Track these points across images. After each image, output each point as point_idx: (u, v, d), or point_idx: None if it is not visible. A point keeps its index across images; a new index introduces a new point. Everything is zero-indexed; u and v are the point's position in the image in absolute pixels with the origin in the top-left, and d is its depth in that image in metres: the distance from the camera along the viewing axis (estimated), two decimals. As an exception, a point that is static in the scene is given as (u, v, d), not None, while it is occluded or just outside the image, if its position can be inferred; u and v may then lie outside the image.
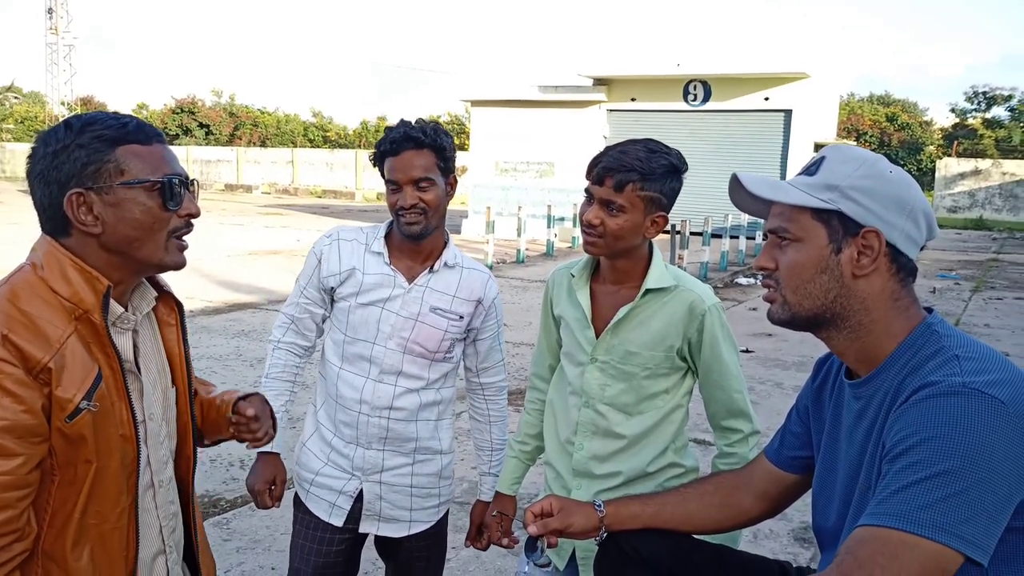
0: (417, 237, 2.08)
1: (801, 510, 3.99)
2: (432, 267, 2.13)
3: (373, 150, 2.12)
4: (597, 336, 1.95)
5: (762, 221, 1.47)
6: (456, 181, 2.14)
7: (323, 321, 2.23)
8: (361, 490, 2.16)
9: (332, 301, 2.18)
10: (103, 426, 1.40)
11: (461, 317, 2.15)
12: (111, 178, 1.39)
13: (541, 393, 2.18)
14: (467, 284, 2.17)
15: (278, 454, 2.20)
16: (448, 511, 2.32)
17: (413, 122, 2.09)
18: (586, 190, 1.89)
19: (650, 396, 1.94)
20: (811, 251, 1.34)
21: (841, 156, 1.36)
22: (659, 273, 1.91)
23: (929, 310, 1.38)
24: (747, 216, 16.66)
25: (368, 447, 2.13)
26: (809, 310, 1.36)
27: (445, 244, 2.18)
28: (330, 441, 2.18)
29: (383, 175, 2.10)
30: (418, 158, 2.03)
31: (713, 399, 1.95)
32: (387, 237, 2.17)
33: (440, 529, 2.30)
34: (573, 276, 2.00)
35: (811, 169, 1.38)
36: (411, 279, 2.12)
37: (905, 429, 1.20)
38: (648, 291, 1.89)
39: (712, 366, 1.91)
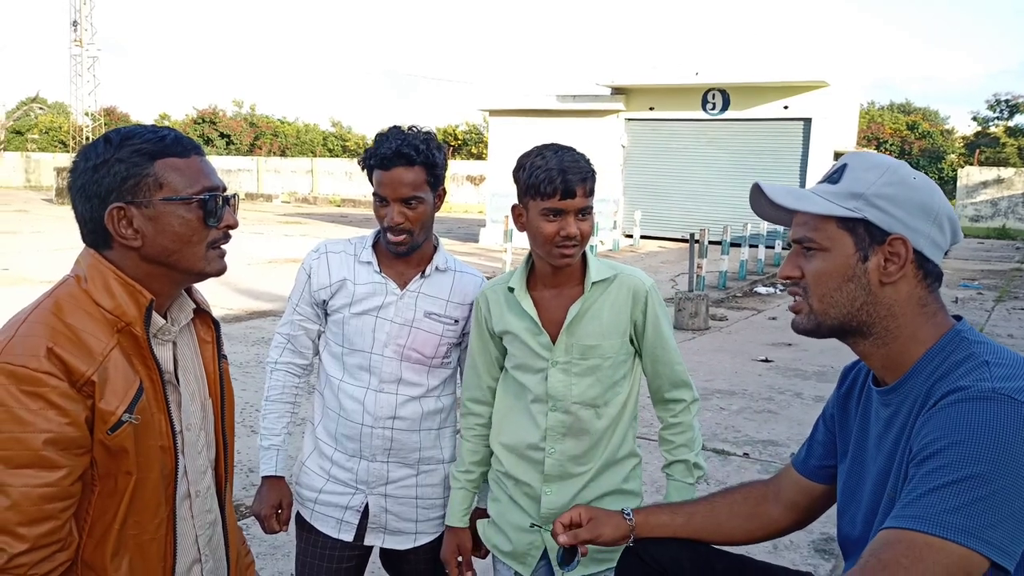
0: (404, 255, 2.06)
1: (822, 521, 3.94)
2: (424, 272, 2.11)
3: (363, 156, 2.07)
4: (553, 340, 1.96)
5: (781, 229, 1.47)
6: (445, 192, 2.11)
7: (319, 337, 2.21)
8: (367, 503, 2.14)
9: (326, 315, 2.16)
10: (144, 438, 1.42)
11: (456, 321, 2.13)
12: (151, 192, 1.41)
13: (480, 417, 2.12)
14: (460, 288, 2.15)
15: (283, 477, 2.19)
16: None
17: (406, 130, 2.04)
18: (551, 209, 1.85)
19: (613, 385, 1.97)
20: (837, 260, 1.34)
21: (864, 163, 1.35)
22: (598, 265, 1.97)
23: (958, 317, 1.37)
24: (767, 225, 16.61)
25: (372, 459, 2.11)
26: (836, 318, 1.36)
27: (435, 248, 2.15)
28: (331, 456, 2.15)
29: (371, 183, 2.06)
30: (408, 174, 1.99)
31: (658, 374, 2.02)
32: (375, 245, 2.14)
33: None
34: (513, 289, 1.99)
35: (833, 177, 1.37)
36: (403, 285, 2.10)
37: (933, 433, 1.20)
38: (593, 283, 1.94)
39: (656, 343, 1.99)
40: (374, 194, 2.05)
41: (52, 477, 1.30)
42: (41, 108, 53.14)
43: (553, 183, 1.84)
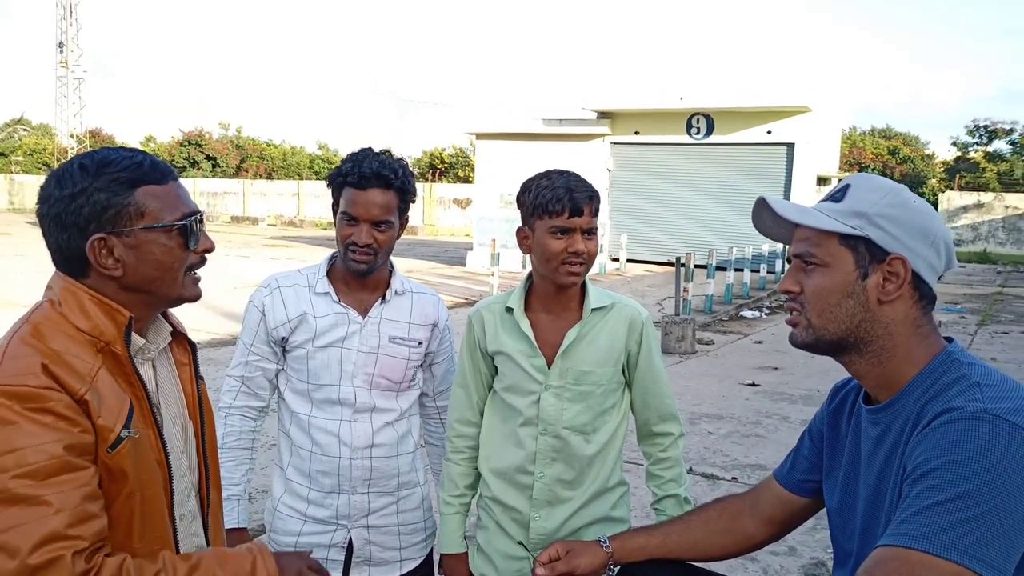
0: (364, 274, 2.06)
1: (811, 546, 3.94)
2: (384, 297, 2.11)
3: (335, 173, 2.06)
4: (548, 364, 1.96)
5: (766, 254, 1.49)
6: (407, 220, 2.12)
7: (276, 376, 2.16)
8: (350, 538, 2.10)
9: (284, 351, 2.13)
10: (142, 455, 1.39)
11: (420, 343, 2.13)
12: (132, 221, 1.39)
13: (470, 439, 2.09)
14: (420, 309, 2.15)
15: (245, 529, 2.13)
16: (433, 548, 2.25)
17: (381, 155, 2.05)
18: (558, 227, 1.88)
19: (602, 413, 1.98)
20: (837, 276, 1.36)
21: (867, 184, 1.39)
22: (597, 293, 2.00)
23: (949, 339, 1.40)
24: (752, 249, 16.73)
25: (353, 492, 2.08)
26: (834, 334, 1.38)
27: (391, 272, 2.15)
28: (306, 496, 2.10)
29: (336, 201, 2.05)
30: (383, 197, 2.00)
31: (648, 406, 2.03)
32: (329, 273, 2.12)
33: (427, 564, 2.24)
34: (511, 309, 2.00)
35: (836, 196, 1.40)
36: (364, 312, 2.09)
37: (926, 452, 1.22)
38: (592, 310, 1.96)
39: (647, 374, 2.00)
40: (343, 212, 2.02)
41: (85, 476, 1.27)
42: (25, 130, 52.98)
43: (561, 201, 1.88)
